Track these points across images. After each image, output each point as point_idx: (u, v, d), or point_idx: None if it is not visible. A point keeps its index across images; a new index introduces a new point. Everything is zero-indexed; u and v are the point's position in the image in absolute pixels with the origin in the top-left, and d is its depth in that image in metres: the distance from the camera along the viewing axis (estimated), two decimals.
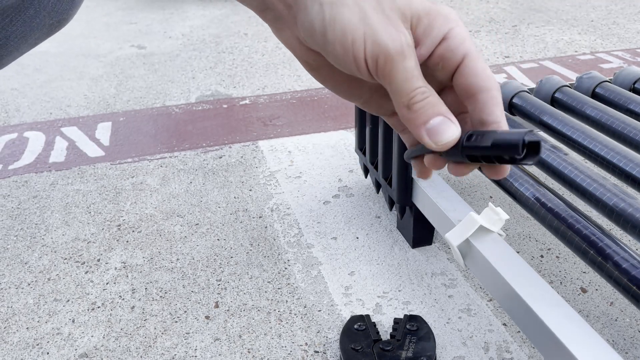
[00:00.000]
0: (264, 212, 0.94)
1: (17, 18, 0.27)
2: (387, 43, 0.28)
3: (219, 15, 2.28)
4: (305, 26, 0.29)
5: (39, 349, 0.68)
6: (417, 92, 0.28)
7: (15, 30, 0.27)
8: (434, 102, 0.29)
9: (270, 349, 0.67)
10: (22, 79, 1.65)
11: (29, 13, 0.28)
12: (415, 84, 0.28)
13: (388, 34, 0.28)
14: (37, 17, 0.28)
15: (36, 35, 0.29)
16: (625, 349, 0.65)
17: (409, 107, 0.29)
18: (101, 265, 0.82)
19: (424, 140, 0.29)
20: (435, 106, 0.29)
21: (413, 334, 0.64)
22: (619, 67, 1.55)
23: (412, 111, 0.29)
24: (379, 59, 0.28)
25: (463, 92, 0.30)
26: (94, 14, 2.40)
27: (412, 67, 0.28)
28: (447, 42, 0.29)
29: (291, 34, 0.31)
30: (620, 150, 0.67)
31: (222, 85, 1.53)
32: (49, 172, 1.10)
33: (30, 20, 0.28)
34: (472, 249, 0.61)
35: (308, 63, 0.32)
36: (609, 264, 0.52)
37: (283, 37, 0.32)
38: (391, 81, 0.28)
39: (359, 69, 0.29)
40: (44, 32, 0.30)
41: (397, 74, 0.28)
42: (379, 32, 0.28)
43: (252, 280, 0.78)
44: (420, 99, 0.28)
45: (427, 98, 0.28)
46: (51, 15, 0.29)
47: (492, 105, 0.29)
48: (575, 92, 0.84)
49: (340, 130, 1.23)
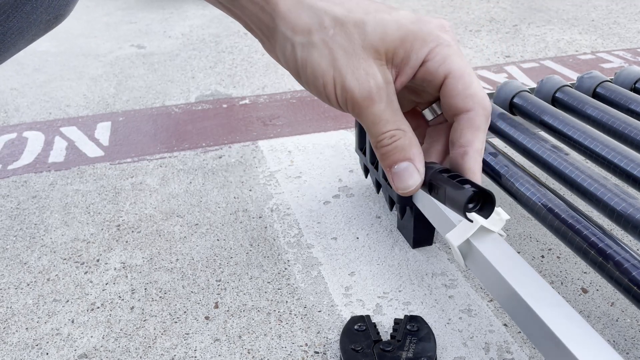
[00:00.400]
0: (263, 212, 0.93)
1: (14, 14, 0.27)
2: (353, 90, 0.28)
3: (218, 15, 2.27)
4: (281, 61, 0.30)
5: (39, 349, 0.68)
6: (384, 136, 0.28)
7: (13, 26, 0.27)
8: (402, 146, 0.29)
9: (270, 349, 0.66)
10: (22, 78, 1.65)
11: (25, 9, 0.27)
12: (382, 128, 0.28)
13: (356, 79, 0.27)
14: (34, 13, 0.28)
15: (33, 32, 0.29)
16: (626, 350, 0.65)
17: (377, 149, 0.29)
18: (100, 265, 0.82)
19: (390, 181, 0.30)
20: (402, 151, 0.29)
21: (413, 335, 0.64)
22: (620, 66, 1.55)
23: (380, 153, 0.29)
24: (348, 104, 0.28)
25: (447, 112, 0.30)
26: (94, 14, 2.40)
27: (381, 111, 0.28)
28: (427, 64, 0.29)
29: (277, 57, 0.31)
30: (622, 150, 0.67)
31: (221, 85, 1.53)
32: (48, 172, 1.10)
33: (27, 16, 0.28)
34: (472, 249, 0.61)
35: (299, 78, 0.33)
36: (609, 265, 0.52)
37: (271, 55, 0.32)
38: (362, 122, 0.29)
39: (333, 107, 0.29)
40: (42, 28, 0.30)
41: (366, 118, 0.28)
42: (346, 77, 0.28)
43: (252, 281, 0.78)
44: (387, 144, 0.29)
45: (394, 142, 0.28)
46: (48, 11, 0.29)
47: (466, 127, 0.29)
48: (576, 91, 0.84)
49: (340, 130, 1.23)
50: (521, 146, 0.73)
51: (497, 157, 0.70)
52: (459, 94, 0.29)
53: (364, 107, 0.28)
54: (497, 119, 0.77)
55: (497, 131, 0.76)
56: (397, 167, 0.29)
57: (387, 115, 0.28)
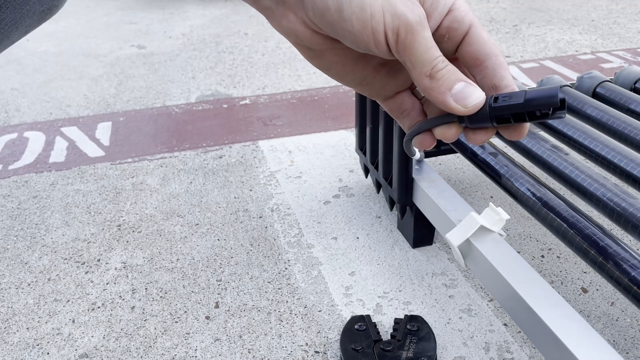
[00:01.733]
0: (264, 212, 0.94)
1: (7, 5, 0.27)
2: (407, 15, 0.28)
3: (219, 15, 2.28)
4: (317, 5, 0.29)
5: (39, 349, 0.68)
6: (438, 60, 0.29)
7: (5, 17, 0.27)
8: (454, 69, 0.30)
9: (270, 349, 0.67)
10: (22, 78, 1.65)
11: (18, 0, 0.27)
12: (435, 52, 0.29)
13: (406, 6, 0.29)
14: (27, 3, 0.28)
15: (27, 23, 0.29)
16: (626, 349, 0.65)
17: (432, 75, 0.30)
18: (101, 265, 0.82)
19: (450, 106, 0.30)
20: (456, 73, 0.30)
21: (414, 334, 0.64)
22: (620, 66, 1.55)
23: (435, 79, 0.30)
24: (400, 31, 0.29)
25: (471, 61, 0.31)
26: (94, 14, 2.40)
27: (431, 37, 0.29)
28: (453, 13, 0.31)
29: (296, 19, 0.31)
30: (621, 150, 0.67)
31: (222, 85, 1.53)
32: (49, 172, 1.10)
33: (20, 7, 0.28)
34: (472, 249, 0.61)
35: (312, 49, 0.32)
36: (609, 264, 0.52)
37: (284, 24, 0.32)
38: (412, 52, 0.29)
39: (376, 44, 0.29)
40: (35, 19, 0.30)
41: (419, 44, 0.29)
42: (397, 5, 0.29)
43: (253, 281, 0.78)
44: (442, 67, 0.30)
45: (447, 66, 0.30)
46: (41, 1, 0.29)
47: (502, 70, 0.30)
48: (576, 91, 0.84)
49: (340, 130, 1.23)
50: (521, 146, 0.73)
51: (497, 157, 0.70)
52: (485, 42, 0.31)
53: (418, 31, 0.29)
54: None
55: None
56: (456, 87, 0.30)
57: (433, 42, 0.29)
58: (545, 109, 0.28)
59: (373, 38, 0.29)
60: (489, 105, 0.30)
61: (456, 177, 1.02)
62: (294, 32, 0.31)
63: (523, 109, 0.29)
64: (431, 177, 0.77)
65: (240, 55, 1.77)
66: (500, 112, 0.29)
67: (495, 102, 0.30)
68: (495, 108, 0.29)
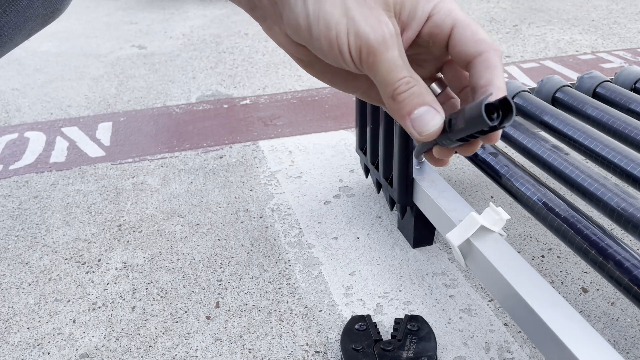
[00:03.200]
0: (264, 212, 0.94)
1: (11, 8, 0.27)
2: (368, 35, 0.28)
3: (219, 15, 2.28)
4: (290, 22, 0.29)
5: (40, 349, 0.68)
6: (401, 82, 0.28)
7: (10, 20, 0.27)
8: (419, 91, 0.29)
9: (271, 349, 0.67)
10: (23, 79, 1.65)
11: (22, 3, 0.27)
12: (398, 74, 0.28)
13: (369, 25, 0.28)
14: (31, 7, 0.28)
15: (30, 26, 0.29)
16: (626, 349, 0.65)
17: (394, 97, 0.29)
18: (102, 265, 0.82)
19: (408, 130, 0.29)
20: (420, 96, 0.29)
21: (414, 334, 0.64)
22: (620, 66, 1.55)
23: (397, 102, 0.29)
24: (362, 51, 0.28)
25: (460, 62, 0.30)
26: (95, 14, 2.40)
27: (395, 57, 0.28)
28: (433, 18, 0.29)
29: (279, 31, 0.31)
30: (621, 150, 0.67)
31: (222, 85, 1.53)
32: (49, 172, 1.10)
33: (24, 10, 0.28)
34: (473, 249, 0.61)
35: (300, 59, 0.32)
36: (610, 264, 0.52)
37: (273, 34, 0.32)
38: (375, 73, 0.29)
39: (345, 62, 0.29)
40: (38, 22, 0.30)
41: (381, 65, 0.28)
42: (360, 24, 0.28)
43: (253, 281, 0.78)
44: (404, 90, 0.28)
45: (411, 88, 0.28)
46: (45, 5, 0.29)
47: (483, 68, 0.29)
48: (576, 91, 0.84)
49: (340, 130, 1.23)
50: (521, 146, 0.73)
51: (497, 157, 0.70)
52: (469, 39, 0.29)
53: (380, 52, 0.28)
54: None
55: None
56: (416, 112, 0.29)
57: (401, 61, 0.28)
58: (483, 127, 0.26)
59: (341, 57, 0.29)
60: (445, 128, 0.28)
61: (456, 177, 1.02)
62: (282, 43, 0.32)
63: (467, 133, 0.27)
64: (431, 177, 0.77)
65: (240, 56, 1.77)
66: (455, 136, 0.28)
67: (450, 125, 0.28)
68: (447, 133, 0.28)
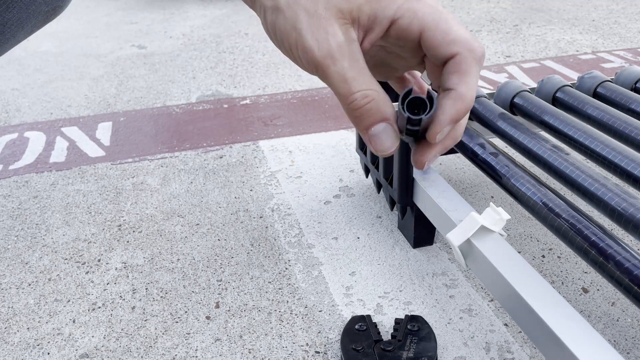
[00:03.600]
0: (264, 212, 0.94)
1: (14, 5, 0.27)
2: (312, 49, 0.27)
3: (219, 15, 2.28)
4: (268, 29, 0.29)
5: (40, 349, 0.68)
6: (356, 96, 0.27)
7: (12, 17, 0.27)
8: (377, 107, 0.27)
9: (271, 349, 0.67)
10: (23, 79, 1.65)
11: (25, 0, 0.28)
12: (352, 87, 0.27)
13: (315, 39, 0.27)
14: (33, 4, 0.28)
15: (32, 23, 0.29)
16: (627, 349, 0.65)
17: (350, 111, 0.28)
18: (102, 265, 0.82)
19: (369, 145, 0.28)
20: (378, 112, 0.27)
21: (414, 335, 0.64)
22: (621, 66, 1.55)
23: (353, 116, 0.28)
24: (311, 65, 0.27)
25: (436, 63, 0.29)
26: (95, 14, 2.40)
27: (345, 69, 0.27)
28: (398, 22, 0.28)
29: None
30: (622, 150, 0.67)
31: (222, 85, 1.53)
32: (49, 172, 1.10)
33: (27, 7, 0.28)
34: (473, 249, 0.61)
35: None
36: (610, 264, 0.52)
37: None
38: (329, 85, 0.28)
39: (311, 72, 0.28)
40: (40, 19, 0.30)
41: (330, 78, 0.27)
42: (306, 37, 0.27)
43: (253, 281, 0.78)
44: (361, 105, 0.27)
45: (368, 103, 0.27)
46: (47, 2, 0.29)
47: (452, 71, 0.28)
48: (577, 91, 0.84)
49: (341, 130, 1.23)
50: (522, 146, 0.73)
51: (497, 157, 0.70)
52: (440, 44, 0.28)
53: (325, 66, 0.27)
54: (497, 118, 0.77)
55: (497, 131, 0.76)
56: (374, 129, 0.27)
57: (352, 73, 0.27)
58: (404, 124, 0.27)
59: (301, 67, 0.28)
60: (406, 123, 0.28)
61: (457, 177, 1.02)
62: None
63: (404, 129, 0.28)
64: (432, 177, 0.77)
65: (240, 55, 1.77)
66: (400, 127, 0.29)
67: None
68: None
